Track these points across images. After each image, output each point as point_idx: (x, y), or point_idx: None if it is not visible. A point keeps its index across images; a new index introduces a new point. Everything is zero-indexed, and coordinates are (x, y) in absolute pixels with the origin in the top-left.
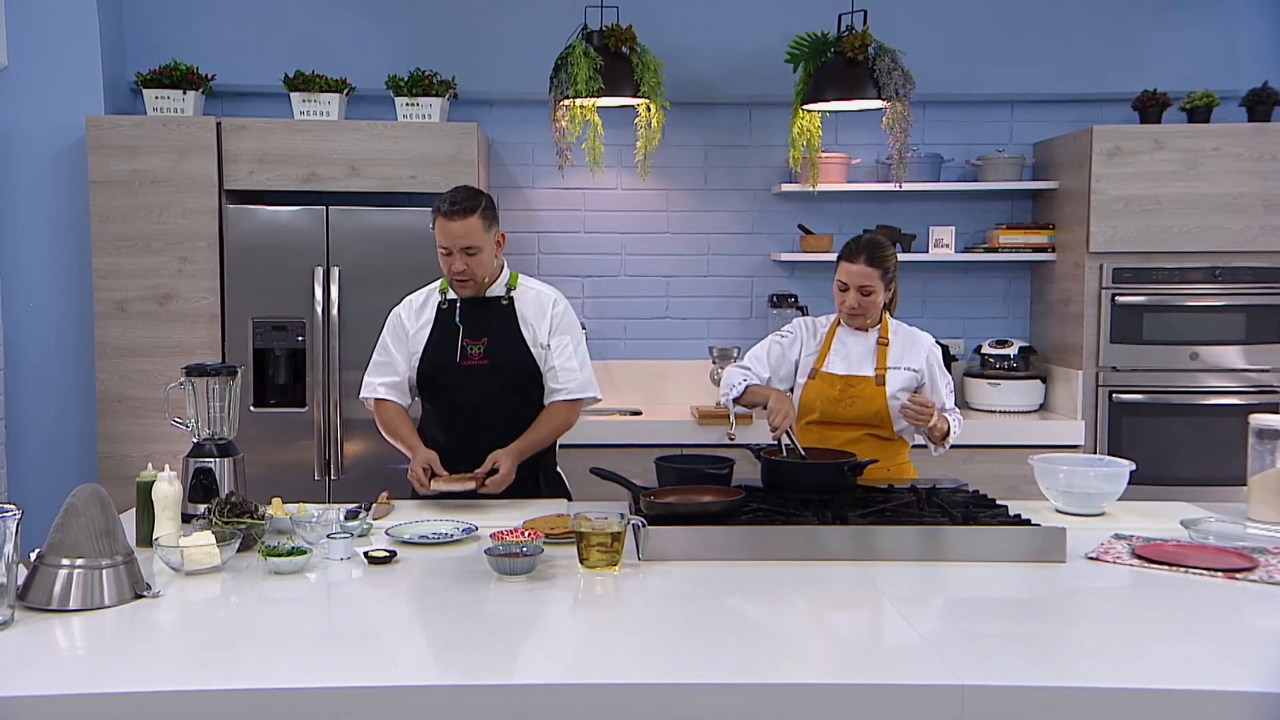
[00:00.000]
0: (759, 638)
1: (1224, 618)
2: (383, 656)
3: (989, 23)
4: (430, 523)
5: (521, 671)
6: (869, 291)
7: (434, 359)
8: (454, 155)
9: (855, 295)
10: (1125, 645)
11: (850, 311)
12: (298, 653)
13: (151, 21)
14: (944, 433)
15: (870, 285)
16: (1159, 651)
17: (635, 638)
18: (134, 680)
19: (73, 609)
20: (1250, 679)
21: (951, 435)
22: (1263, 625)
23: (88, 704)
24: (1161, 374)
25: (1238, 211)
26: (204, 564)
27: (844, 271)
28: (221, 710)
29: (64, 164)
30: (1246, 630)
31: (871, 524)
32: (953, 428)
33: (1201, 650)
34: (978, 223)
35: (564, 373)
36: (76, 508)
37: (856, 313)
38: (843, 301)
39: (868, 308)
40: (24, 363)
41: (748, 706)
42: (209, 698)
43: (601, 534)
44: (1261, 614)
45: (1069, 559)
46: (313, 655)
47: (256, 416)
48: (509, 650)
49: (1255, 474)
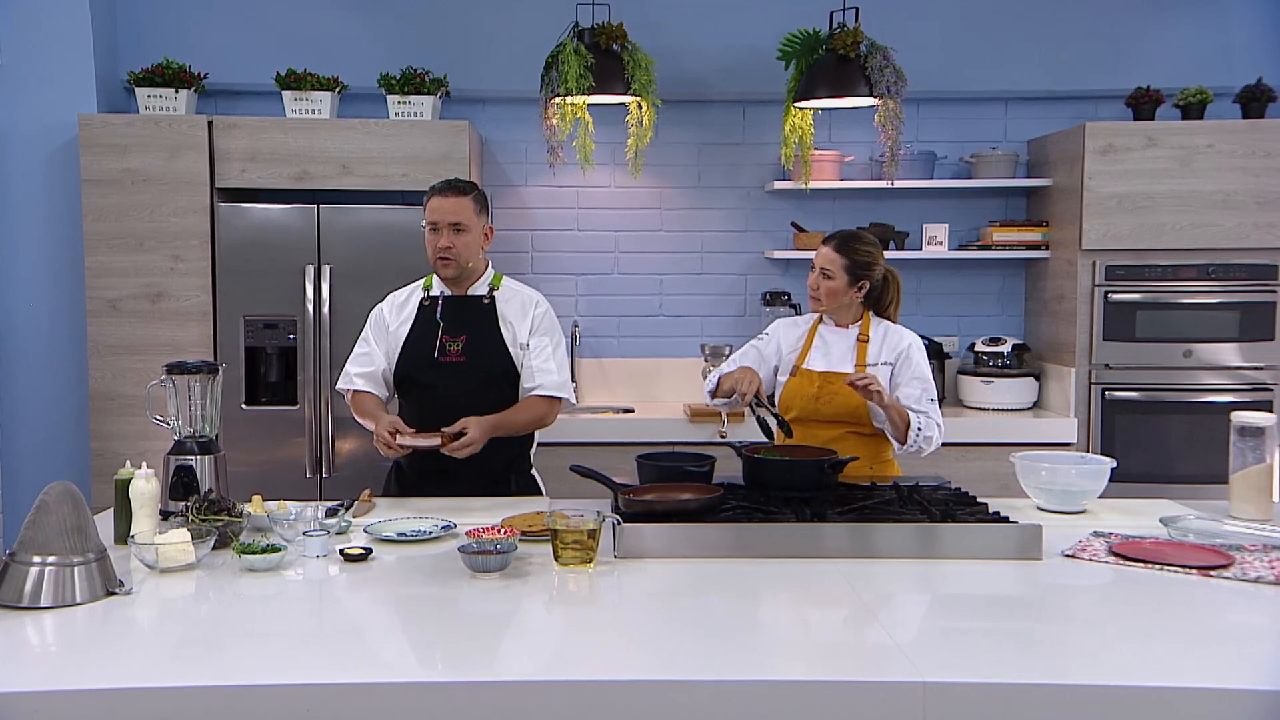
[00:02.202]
0: (727, 635)
1: (1195, 614)
2: (352, 653)
3: (982, 19)
4: (409, 520)
5: (491, 668)
6: (829, 275)
7: (412, 354)
8: (445, 153)
9: (816, 276)
10: (1094, 642)
11: (810, 292)
12: (268, 649)
13: (144, 20)
14: (906, 422)
15: (830, 270)
16: (1128, 648)
17: (605, 635)
18: (105, 677)
19: (44, 606)
20: (1219, 675)
21: (913, 431)
22: (1234, 622)
23: (56, 701)
24: (1155, 371)
25: (1231, 208)
26: (178, 561)
27: (816, 254)
28: (192, 706)
29: (57, 162)
30: (1217, 627)
31: (849, 521)
32: (913, 422)
33: (1170, 646)
34: (972, 220)
35: (540, 372)
36: (48, 505)
37: (814, 294)
38: (808, 282)
39: (825, 292)
40: (17, 360)
41: (708, 703)
42: (180, 694)
43: (575, 531)
44: (1233, 611)
45: (1046, 556)
46: (283, 652)
47: (248, 414)
48: (479, 647)
49: (1237, 471)
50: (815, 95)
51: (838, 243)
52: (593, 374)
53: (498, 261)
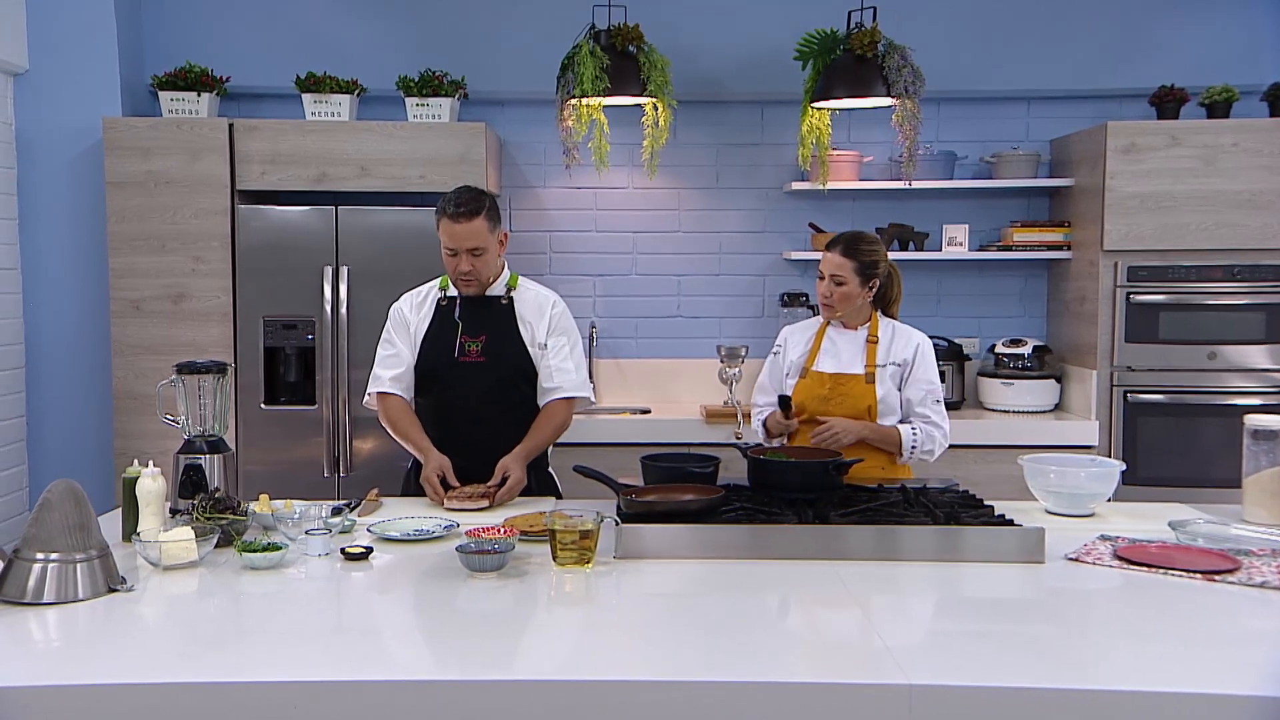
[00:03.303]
0: (718, 636)
1: (1195, 619)
2: (340, 651)
3: (1004, 18)
4: (413, 519)
5: (478, 668)
6: (840, 281)
7: (432, 354)
8: (462, 155)
9: (828, 284)
10: (1089, 646)
11: (823, 301)
12: (260, 646)
13: (169, 25)
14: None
15: (842, 276)
16: (1124, 652)
17: (596, 635)
18: (104, 672)
19: (47, 602)
20: (1216, 680)
21: (906, 449)
22: (1235, 627)
23: (56, 696)
24: (1178, 374)
25: (1258, 208)
26: (181, 559)
27: (822, 262)
28: (185, 701)
29: (82, 165)
30: (1217, 632)
31: (850, 524)
32: (905, 440)
33: (1167, 651)
34: (994, 221)
35: (559, 372)
36: (51, 503)
37: (828, 303)
38: (820, 290)
39: (839, 299)
40: (44, 360)
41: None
42: (175, 690)
43: (572, 531)
44: (1235, 616)
45: (1049, 560)
46: (279, 649)
47: (267, 414)
48: (468, 646)
49: (1250, 475)
50: (832, 95)
51: (844, 247)
52: (610, 375)
53: (516, 263)
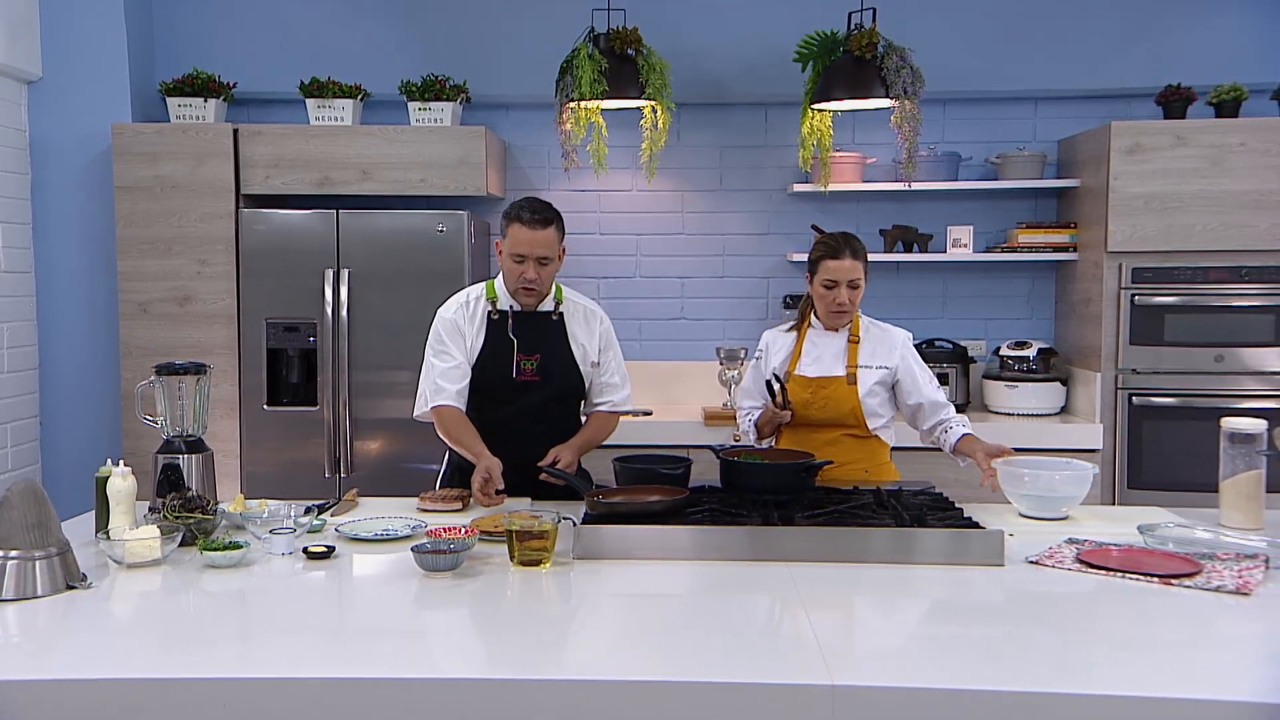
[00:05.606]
0: (655, 635)
1: (1140, 622)
2: (276, 649)
3: (1009, 17)
4: (381, 519)
5: (409, 665)
6: (857, 285)
7: (489, 372)
8: (462, 158)
9: (846, 290)
10: (1025, 648)
11: (839, 309)
12: (218, 644)
13: (177, 32)
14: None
15: (858, 279)
16: (1056, 655)
17: (532, 635)
18: (62, 667)
19: (6, 599)
20: (1137, 683)
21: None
22: (1170, 631)
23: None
24: (1184, 376)
25: (1265, 209)
26: (144, 557)
27: (832, 270)
28: (141, 697)
29: (93, 171)
30: (1154, 636)
31: (812, 525)
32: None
33: (1103, 655)
34: (1000, 222)
35: (609, 388)
36: (10, 501)
37: (846, 309)
38: (832, 300)
39: (856, 302)
40: (56, 362)
41: (604, 701)
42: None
43: (529, 532)
44: (1179, 619)
45: (1011, 563)
46: (226, 646)
47: (269, 415)
48: (405, 644)
49: (1227, 478)
50: (832, 97)
51: (853, 250)
52: None
53: None
